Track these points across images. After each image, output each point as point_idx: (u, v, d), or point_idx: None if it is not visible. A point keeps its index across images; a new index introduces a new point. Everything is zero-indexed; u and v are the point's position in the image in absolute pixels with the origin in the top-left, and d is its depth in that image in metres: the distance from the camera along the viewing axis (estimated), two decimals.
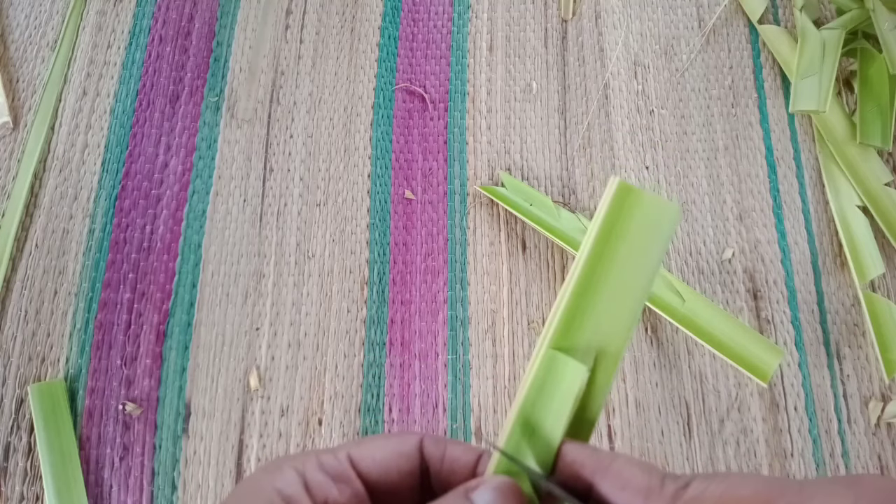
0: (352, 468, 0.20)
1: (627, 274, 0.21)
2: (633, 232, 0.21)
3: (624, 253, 0.21)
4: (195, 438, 0.40)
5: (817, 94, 0.44)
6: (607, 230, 0.21)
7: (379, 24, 0.51)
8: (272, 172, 0.47)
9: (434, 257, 0.44)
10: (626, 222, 0.21)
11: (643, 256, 0.21)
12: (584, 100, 0.48)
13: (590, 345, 0.21)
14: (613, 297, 0.21)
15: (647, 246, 0.21)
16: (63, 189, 0.46)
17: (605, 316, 0.21)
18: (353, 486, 0.19)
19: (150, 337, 0.42)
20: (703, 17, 0.50)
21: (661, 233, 0.21)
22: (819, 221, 0.45)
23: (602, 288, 0.21)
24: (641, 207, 0.21)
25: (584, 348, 0.21)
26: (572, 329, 0.21)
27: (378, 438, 0.21)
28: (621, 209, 0.21)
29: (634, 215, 0.21)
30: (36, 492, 0.39)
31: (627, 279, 0.21)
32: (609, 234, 0.21)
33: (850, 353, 0.41)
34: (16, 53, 0.50)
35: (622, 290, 0.21)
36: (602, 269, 0.21)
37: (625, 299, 0.21)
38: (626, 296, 0.21)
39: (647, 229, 0.21)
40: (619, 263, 0.21)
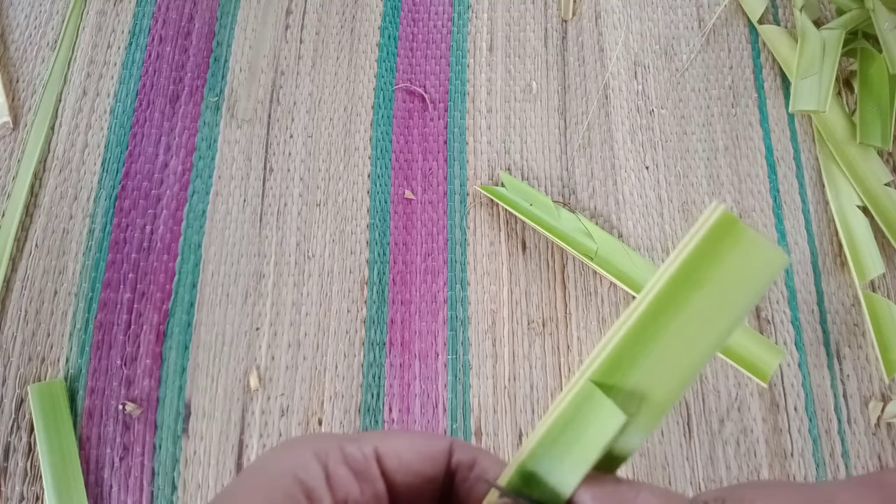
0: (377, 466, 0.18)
1: (702, 322, 0.18)
2: (722, 275, 0.17)
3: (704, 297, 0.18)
4: (195, 438, 0.40)
5: (817, 94, 0.44)
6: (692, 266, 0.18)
7: (379, 24, 0.51)
8: (272, 172, 0.47)
9: (434, 257, 0.44)
10: (717, 262, 0.17)
11: (726, 307, 0.18)
12: (584, 100, 0.48)
13: (635, 389, 0.18)
14: (677, 344, 0.18)
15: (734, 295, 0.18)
16: (63, 189, 0.46)
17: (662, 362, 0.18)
18: (376, 487, 0.18)
19: (150, 337, 0.42)
20: (703, 17, 0.50)
21: (756, 284, 0.18)
22: (819, 221, 0.45)
23: (667, 330, 0.18)
24: (741, 248, 0.17)
25: (628, 392, 0.18)
26: (621, 367, 0.18)
27: (406, 436, 0.20)
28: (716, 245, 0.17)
29: (729, 256, 0.17)
30: (36, 492, 0.39)
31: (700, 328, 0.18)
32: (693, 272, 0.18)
33: (850, 353, 0.41)
34: (16, 53, 0.50)
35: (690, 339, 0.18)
36: (673, 309, 0.18)
37: (690, 350, 0.18)
38: (693, 346, 0.18)
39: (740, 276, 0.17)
40: (696, 308, 0.18)
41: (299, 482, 0.17)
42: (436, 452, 0.19)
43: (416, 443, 0.19)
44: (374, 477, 0.18)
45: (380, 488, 0.18)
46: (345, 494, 0.17)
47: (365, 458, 0.18)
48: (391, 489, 0.19)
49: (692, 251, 0.18)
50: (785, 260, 0.18)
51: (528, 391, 0.41)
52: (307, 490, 0.17)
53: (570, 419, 0.18)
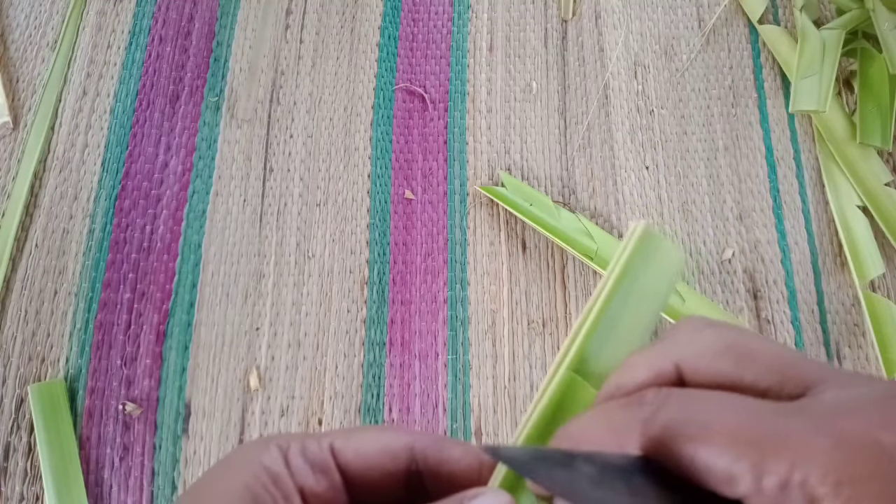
0: (333, 459, 0.20)
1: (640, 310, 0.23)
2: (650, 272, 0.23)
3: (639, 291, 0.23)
4: (195, 438, 0.40)
5: (817, 94, 0.44)
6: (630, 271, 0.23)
7: (379, 24, 0.51)
8: (272, 172, 0.47)
9: (434, 257, 0.44)
10: (645, 263, 0.23)
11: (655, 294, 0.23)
12: (584, 100, 0.48)
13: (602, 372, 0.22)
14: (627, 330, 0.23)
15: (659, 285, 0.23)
16: (63, 189, 0.46)
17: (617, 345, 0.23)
18: (332, 477, 0.19)
19: (150, 337, 0.42)
20: (703, 17, 0.50)
21: (672, 275, 0.24)
22: (819, 221, 0.45)
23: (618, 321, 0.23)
24: (659, 251, 0.23)
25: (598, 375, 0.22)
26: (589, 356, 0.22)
27: (368, 431, 0.21)
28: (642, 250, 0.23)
29: (653, 257, 0.23)
30: (36, 492, 0.39)
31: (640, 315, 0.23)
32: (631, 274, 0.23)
33: (850, 353, 0.41)
34: (16, 53, 0.50)
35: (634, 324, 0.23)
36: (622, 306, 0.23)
37: (636, 332, 0.23)
38: (637, 329, 0.23)
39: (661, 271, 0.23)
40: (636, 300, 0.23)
41: (265, 468, 0.18)
42: (395, 449, 0.20)
43: (376, 437, 0.20)
44: (330, 468, 0.19)
45: (336, 479, 0.19)
46: (301, 483, 0.19)
47: (321, 450, 0.19)
48: (349, 481, 0.20)
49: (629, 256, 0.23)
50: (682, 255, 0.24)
51: (528, 391, 0.41)
52: (272, 475, 0.18)
53: (556, 407, 0.22)
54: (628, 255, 0.23)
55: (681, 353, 0.18)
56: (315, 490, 0.19)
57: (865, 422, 0.14)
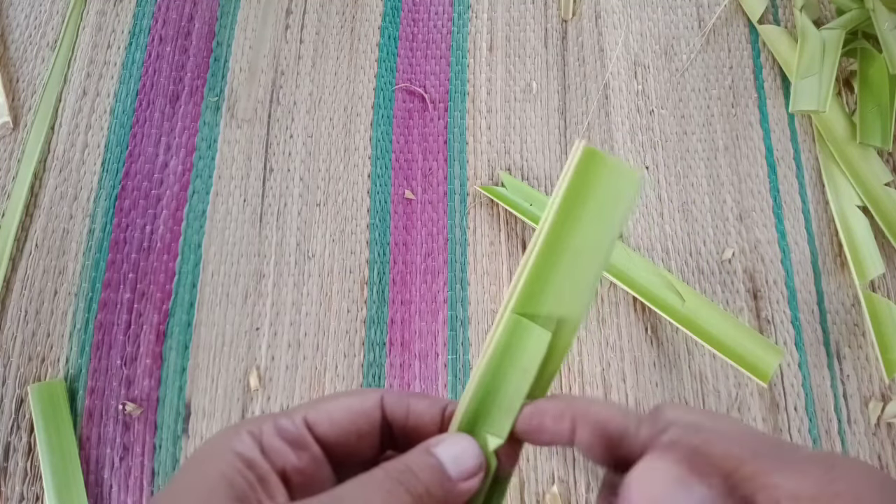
0: (308, 432, 0.20)
1: (589, 240, 0.21)
2: (596, 197, 0.21)
3: (586, 218, 0.21)
4: (195, 438, 0.40)
5: (817, 94, 0.44)
6: (572, 195, 0.21)
7: (379, 24, 0.51)
8: (272, 172, 0.47)
9: (434, 257, 0.44)
10: (589, 187, 0.21)
11: (605, 222, 0.21)
12: (584, 100, 0.48)
13: (551, 311, 0.21)
14: (575, 264, 0.21)
15: (608, 212, 0.21)
16: (63, 189, 0.46)
17: (566, 282, 0.21)
18: (311, 451, 0.20)
19: (150, 337, 0.42)
20: (703, 17, 0.50)
21: (623, 199, 0.21)
22: (819, 221, 0.45)
23: (564, 254, 0.21)
24: (605, 172, 0.21)
25: (546, 314, 0.21)
26: (535, 295, 0.21)
27: (337, 397, 0.21)
28: (586, 174, 0.21)
29: (598, 180, 0.21)
30: (36, 492, 0.39)
31: (589, 245, 0.21)
32: (573, 200, 0.21)
33: (850, 353, 0.41)
34: (16, 53, 0.50)
35: (584, 257, 0.21)
36: (565, 235, 0.21)
37: (586, 266, 0.21)
38: (588, 262, 0.21)
39: (609, 195, 0.21)
40: (582, 229, 0.21)
41: (239, 456, 0.18)
42: (366, 407, 0.20)
43: (346, 402, 0.21)
44: (309, 443, 0.20)
45: (316, 451, 0.20)
46: (283, 463, 0.19)
47: (296, 427, 0.20)
48: (328, 450, 0.20)
49: (570, 181, 0.21)
50: (637, 174, 0.22)
51: None
52: (246, 460, 0.18)
53: (504, 349, 0.21)
54: (569, 181, 0.21)
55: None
56: (297, 466, 0.19)
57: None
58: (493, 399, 0.21)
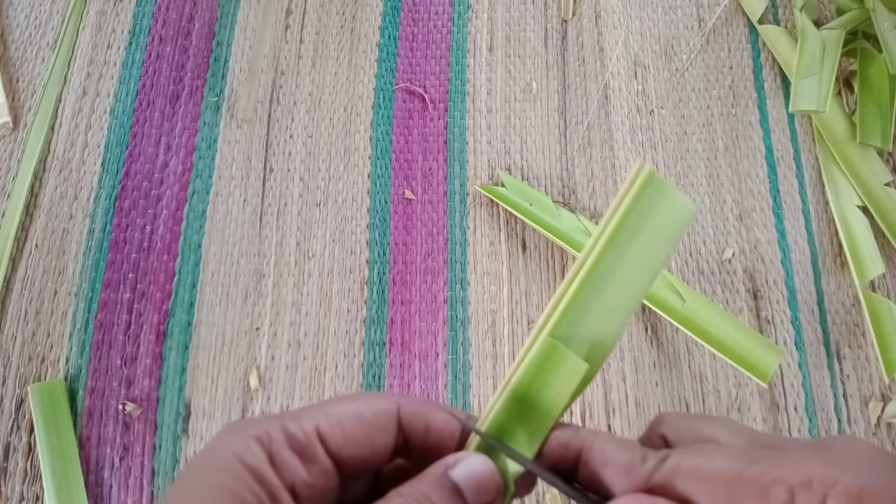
0: (320, 444, 0.19)
1: (636, 269, 0.20)
2: (650, 225, 0.20)
3: (638, 246, 0.20)
4: (195, 438, 0.40)
5: (817, 94, 0.44)
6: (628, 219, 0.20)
7: (379, 24, 0.51)
8: (272, 172, 0.47)
9: (434, 257, 0.44)
10: (646, 214, 0.20)
11: (654, 252, 0.20)
12: (584, 100, 0.48)
13: (586, 336, 0.20)
14: (618, 291, 0.20)
15: (659, 242, 0.20)
16: (63, 189, 0.46)
17: (606, 309, 0.20)
18: (322, 464, 0.19)
19: (150, 337, 0.42)
20: (703, 17, 0.50)
21: (675, 230, 0.20)
22: (819, 221, 0.45)
23: (610, 281, 0.20)
24: (664, 200, 0.20)
25: (581, 339, 0.20)
26: (573, 319, 0.20)
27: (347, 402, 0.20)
28: (645, 200, 0.20)
29: (656, 208, 0.20)
30: (36, 492, 0.39)
31: (635, 274, 0.20)
32: (628, 224, 0.20)
33: (850, 353, 0.41)
34: (16, 53, 0.50)
35: (627, 285, 0.20)
36: (614, 261, 0.20)
37: (628, 294, 0.20)
38: (630, 290, 0.20)
39: (663, 224, 0.20)
40: (631, 257, 0.20)
41: (246, 467, 0.17)
42: (382, 420, 0.19)
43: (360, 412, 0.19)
44: (320, 457, 0.19)
45: (326, 465, 0.19)
46: (292, 478, 0.18)
47: (308, 438, 0.18)
48: (339, 464, 0.19)
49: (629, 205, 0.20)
50: (692, 207, 0.21)
51: None
52: (255, 474, 0.17)
53: (537, 371, 0.20)
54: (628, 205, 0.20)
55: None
56: (307, 481, 0.18)
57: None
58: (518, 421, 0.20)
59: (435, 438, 0.20)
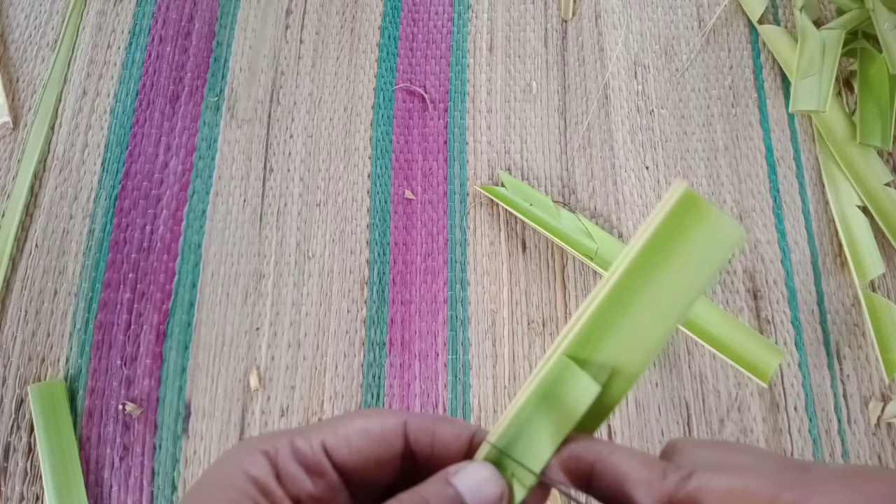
0: (326, 458, 0.19)
1: (666, 296, 0.19)
2: (685, 250, 0.18)
3: (669, 272, 0.19)
4: (195, 438, 0.40)
5: (817, 94, 0.44)
6: (658, 242, 0.18)
7: (379, 24, 0.51)
8: (272, 172, 0.47)
9: (434, 257, 0.44)
10: (680, 238, 0.18)
11: (688, 280, 0.18)
12: (584, 100, 0.48)
13: (606, 361, 0.19)
14: (644, 317, 0.19)
15: (696, 269, 0.18)
16: (63, 189, 0.46)
17: (630, 335, 0.19)
18: (328, 478, 0.19)
19: (150, 337, 0.42)
20: (703, 17, 0.50)
21: (716, 258, 0.18)
22: (819, 221, 0.45)
23: (635, 303, 0.19)
24: (704, 223, 0.18)
25: (600, 363, 0.19)
26: (592, 340, 0.19)
27: (356, 418, 0.20)
28: (680, 222, 0.18)
29: (692, 232, 0.18)
30: (36, 492, 0.39)
31: (664, 301, 0.19)
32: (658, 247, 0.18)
33: (850, 353, 0.41)
34: (16, 53, 0.50)
35: (655, 312, 0.19)
36: (640, 283, 0.19)
37: (655, 322, 0.19)
38: (658, 319, 0.19)
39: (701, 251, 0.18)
40: (660, 282, 0.19)
41: (251, 479, 0.17)
42: (388, 436, 0.19)
43: (366, 426, 0.19)
44: (326, 469, 0.19)
45: (333, 479, 0.19)
46: (298, 490, 0.18)
47: (314, 452, 0.19)
48: (346, 477, 0.19)
49: (660, 226, 0.18)
50: (741, 234, 0.19)
51: None
52: (261, 486, 0.17)
53: (547, 390, 0.20)
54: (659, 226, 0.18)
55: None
56: (313, 494, 0.18)
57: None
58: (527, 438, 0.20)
59: (442, 453, 0.20)
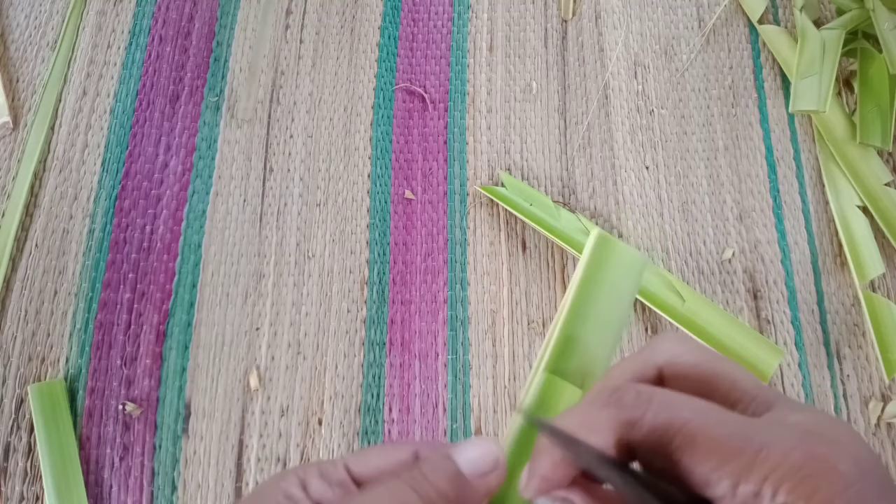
0: (348, 475, 0.21)
1: (607, 309, 0.26)
2: (609, 275, 0.26)
3: (603, 292, 0.26)
4: (195, 438, 0.40)
5: (817, 94, 0.44)
6: (590, 273, 0.26)
7: (379, 24, 0.51)
8: (272, 172, 0.47)
9: (434, 257, 0.44)
10: (605, 267, 0.26)
11: (619, 294, 0.26)
12: (584, 100, 0.48)
13: (578, 368, 0.25)
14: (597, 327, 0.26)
15: (621, 286, 0.26)
16: (63, 189, 0.46)
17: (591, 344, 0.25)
18: (347, 488, 0.21)
19: (150, 337, 0.42)
20: (703, 17, 0.50)
21: (632, 276, 0.26)
22: (819, 221, 0.45)
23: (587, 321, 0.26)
24: (616, 255, 0.26)
25: (574, 371, 0.25)
26: (564, 355, 0.25)
27: (376, 448, 0.23)
28: (601, 257, 0.26)
29: (610, 261, 0.26)
30: (36, 492, 0.39)
31: (607, 313, 0.26)
32: (591, 277, 0.26)
33: (850, 353, 0.41)
34: (16, 53, 0.50)
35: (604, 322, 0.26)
36: (586, 306, 0.26)
37: (606, 328, 0.26)
38: (608, 325, 0.26)
39: (620, 272, 0.26)
40: (600, 301, 0.26)
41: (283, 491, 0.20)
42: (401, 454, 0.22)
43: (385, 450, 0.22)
44: (346, 481, 0.21)
45: (351, 490, 0.21)
46: (319, 496, 0.21)
47: (338, 471, 0.21)
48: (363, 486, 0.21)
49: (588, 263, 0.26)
50: (643, 259, 0.27)
51: None
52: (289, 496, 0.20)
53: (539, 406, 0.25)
54: (587, 262, 0.26)
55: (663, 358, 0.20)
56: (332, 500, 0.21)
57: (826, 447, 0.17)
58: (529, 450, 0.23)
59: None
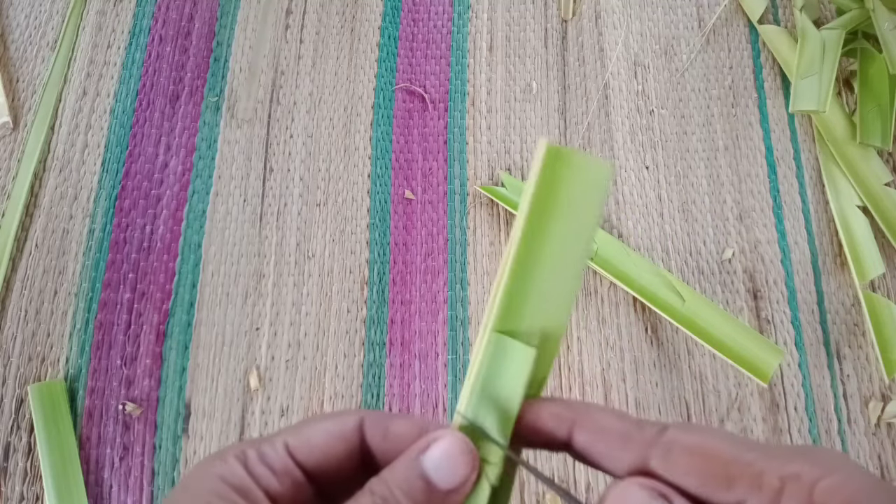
0: (290, 458, 0.20)
1: (564, 244, 0.20)
2: (565, 197, 0.20)
3: (558, 222, 0.20)
4: (195, 438, 0.40)
5: (817, 94, 0.44)
6: (539, 200, 0.20)
7: (379, 24, 0.51)
8: (272, 172, 0.47)
9: (434, 257, 0.44)
10: (558, 188, 0.20)
11: (578, 222, 0.20)
12: (584, 100, 0.48)
13: (533, 322, 0.21)
14: (553, 270, 0.20)
15: (581, 210, 0.20)
16: (63, 189, 0.46)
17: (546, 291, 0.20)
18: (293, 476, 0.20)
19: (150, 337, 0.42)
20: (703, 17, 0.50)
21: (595, 193, 0.20)
22: (819, 221, 0.45)
23: (540, 263, 0.20)
24: (572, 169, 0.20)
25: (529, 326, 0.20)
26: (514, 309, 0.20)
27: (316, 421, 0.21)
28: (553, 175, 0.20)
29: (566, 178, 0.20)
30: (36, 492, 0.39)
31: (565, 249, 0.20)
32: (542, 204, 0.20)
33: (850, 353, 0.41)
34: (16, 53, 0.50)
35: (561, 261, 0.20)
36: (538, 244, 0.20)
37: (564, 269, 0.20)
38: (566, 266, 0.20)
39: (579, 192, 0.20)
40: (555, 234, 0.20)
41: (225, 481, 0.19)
42: (345, 430, 0.21)
43: (325, 426, 0.21)
44: (290, 469, 0.20)
45: (297, 476, 0.20)
46: (266, 485, 0.19)
47: (278, 454, 0.20)
48: (309, 474, 0.20)
49: (536, 185, 0.20)
50: (607, 165, 0.20)
51: None
52: (236, 486, 0.19)
53: (489, 370, 0.20)
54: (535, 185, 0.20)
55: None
56: (279, 492, 0.19)
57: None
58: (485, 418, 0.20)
59: (395, 442, 0.21)
